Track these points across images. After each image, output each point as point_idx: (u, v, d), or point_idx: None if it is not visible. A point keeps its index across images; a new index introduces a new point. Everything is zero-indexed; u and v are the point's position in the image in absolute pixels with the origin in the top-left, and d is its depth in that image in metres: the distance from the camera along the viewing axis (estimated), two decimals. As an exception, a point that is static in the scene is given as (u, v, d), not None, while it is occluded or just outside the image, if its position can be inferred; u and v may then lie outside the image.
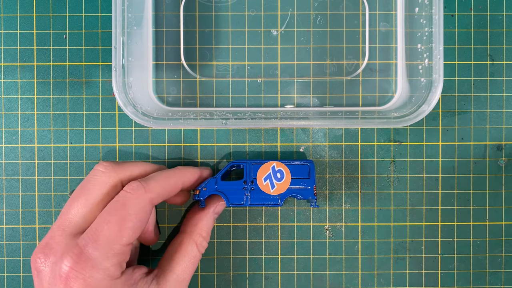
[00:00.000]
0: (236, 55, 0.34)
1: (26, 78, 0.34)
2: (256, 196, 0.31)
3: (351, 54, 0.34)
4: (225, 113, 0.33)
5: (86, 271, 0.24)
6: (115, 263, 0.25)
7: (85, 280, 0.24)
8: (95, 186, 0.27)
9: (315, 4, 0.34)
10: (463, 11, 0.34)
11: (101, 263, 0.25)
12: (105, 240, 0.25)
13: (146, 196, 0.27)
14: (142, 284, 0.27)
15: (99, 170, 0.28)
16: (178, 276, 0.28)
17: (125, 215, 0.26)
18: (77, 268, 0.24)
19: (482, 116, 0.34)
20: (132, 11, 0.31)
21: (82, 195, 0.27)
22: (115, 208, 0.26)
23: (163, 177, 0.29)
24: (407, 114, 0.31)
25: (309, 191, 0.31)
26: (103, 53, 0.34)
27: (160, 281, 0.28)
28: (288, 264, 0.34)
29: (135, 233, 0.26)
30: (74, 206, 0.27)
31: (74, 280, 0.24)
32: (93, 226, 0.26)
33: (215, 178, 0.31)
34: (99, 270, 0.25)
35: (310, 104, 0.34)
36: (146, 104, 0.32)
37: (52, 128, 0.34)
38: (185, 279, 0.29)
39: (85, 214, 0.27)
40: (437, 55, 0.30)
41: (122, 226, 0.26)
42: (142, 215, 0.26)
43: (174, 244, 0.30)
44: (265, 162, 0.31)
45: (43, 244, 0.26)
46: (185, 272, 0.29)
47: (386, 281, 0.34)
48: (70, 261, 0.25)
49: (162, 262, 0.29)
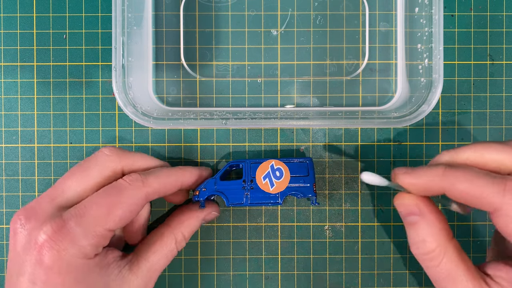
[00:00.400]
0: (236, 55, 0.34)
1: (26, 78, 0.34)
2: (255, 195, 0.31)
3: (351, 54, 0.34)
4: (225, 113, 0.33)
5: (63, 243, 0.24)
6: (93, 244, 0.25)
7: (59, 252, 0.24)
8: (96, 167, 0.27)
9: (315, 4, 0.34)
10: (463, 11, 0.34)
11: (79, 240, 0.25)
12: (91, 219, 0.25)
13: (143, 189, 0.27)
14: (115, 267, 0.27)
15: (104, 152, 0.28)
16: (151, 266, 0.28)
17: (117, 202, 0.26)
18: (54, 239, 0.24)
19: (482, 116, 0.34)
20: (132, 11, 0.31)
21: (81, 172, 0.27)
22: (108, 193, 0.26)
23: (163, 174, 0.28)
24: (407, 114, 0.31)
25: (309, 188, 0.31)
26: (103, 53, 0.34)
27: (133, 267, 0.28)
28: (288, 264, 0.34)
29: (121, 222, 0.26)
30: (70, 180, 0.27)
31: (48, 249, 0.24)
32: (83, 203, 0.26)
33: (214, 179, 0.31)
34: (75, 246, 0.25)
35: (310, 104, 0.34)
36: (146, 104, 0.32)
37: (52, 128, 0.34)
38: (157, 270, 0.29)
39: (79, 191, 0.27)
40: (437, 55, 0.30)
41: (111, 211, 0.26)
42: (134, 207, 0.27)
43: (154, 234, 0.30)
44: (263, 160, 0.31)
45: (28, 207, 0.26)
46: (158, 263, 0.29)
47: (386, 281, 0.34)
48: (49, 230, 0.24)
49: (139, 249, 0.29)
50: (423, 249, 0.25)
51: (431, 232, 0.25)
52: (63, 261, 0.24)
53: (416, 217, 0.25)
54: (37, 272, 0.24)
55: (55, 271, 0.24)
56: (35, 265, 0.24)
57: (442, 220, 0.25)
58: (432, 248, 0.25)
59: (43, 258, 0.24)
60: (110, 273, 0.26)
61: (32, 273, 0.24)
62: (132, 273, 0.27)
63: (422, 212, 0.25)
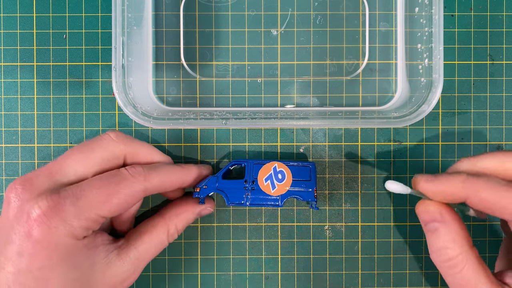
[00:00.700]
0: (236, 55, 0.34)
1: (26, 78, 0.34)
2: (256, 196, 0.31)
3: (351, 54, 0.34)
4: (225, 113, 0.33)
5: (54, 220, 0.24)
6: (83, 227, 0.25)
7: (49, 228, 0.24)
8: (100, 150, 0.27)
9: (315, 4, 0.34)
10: (463, 11, 0.34)
11: (70, 220, 0.25)
12: (86, 203, 0.25)
13: (143, 184, 0.27)
14: (103, 250, 0.27)
15: (110, 136, 0.28)
16: (140, 255, 0.28)
17: (116, 191, 0.26)
18: (47, 214, 0.24)
19: (482, 116, 0.34)
20: (132, 11, 0.31)
21: (84, 152, 0.27)
22: (109, 180, 0.26)
23: (165, 172, 0.29)
24: (407, 114, 0.31)
25: (310, 193, 0.31)
26: (103, 53, 0.34)
27: (121, 253, 0.28)
28: (288, 264, 0.34)
29: (116, 211, 0.26)
30: (72, 158, 0.27)
31: (39, 223, 0.24)
32: (82, 185, 0.26)
33: (216, 177, 0.31)
34: (66, 225, 0.25)
35: (310, 104, 0.34)
36: (146, 104, 0.32)
37: (52, 128, 0.34)
38: (145, 259, 0.29)
39: (79, 171, 0.27)
40: (437, 55, 0.30)
41: (108, 199, 0.26)
42: (131, 199, 0.27)
43: (147, 223, 0.30)
44: (266, 162, 0.31)
45: (26, 178, 0.26)
46: (147, 253, 0.29)
47: (386, 281, 0.34)
48: (44, 205, 0.25)
49: (130, 236, 0.29)
50: (444, 256, 0.25)
51: (454, 239, 0.25)
52: (52, 237, 0.24)
53: (438, 224, 0.25)
54: (25, 244, 0.24)
55: (43, 245, 0.24)
56: (24, 237, 0.24)
57: (463, 228, 0.25)
58: (454, 255, 0.25)
59: (32, 231, 0.24)
60: (96, 255, 0.26)
61: (20, 245, 0.24)
62: (120, 258, 0.27)
63: (444, 219, 0.25)
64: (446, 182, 0.25)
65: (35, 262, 0.24)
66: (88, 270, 0.26)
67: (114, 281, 0.27)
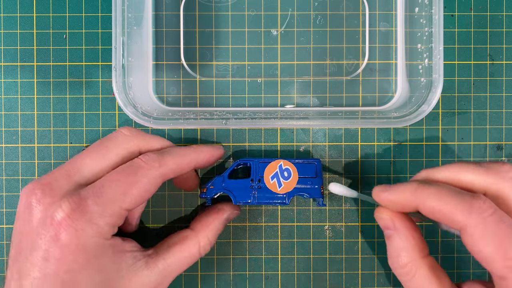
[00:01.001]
0: (236, 55, 0.34)
1: (26, 78, 0.34)
2: (263, 195, 0.31)
3: (351, 54, 0.34)
4: (225, 113, 0.33)
5: (80, 222, 0.24)
6: (109, 223, 0.25)
7: (76, 231, 0.24)
8: (115, 147, 0.27)
9: (315, 4, 0.34)
10: (463, 11, 0.34)
11: (96, 219, 0.25)
12: (108, 199, 0.25)
13: (159, 169, 0.27)
14: (131, 257, 0.27)
15: (122, 132, 0.28)
16: (168, 266, 0.28)
17: (134, 181, 0.26)
18: (72, 217, 0.24)
19: (482, 116, 0.34)
20: (132, 11, 0.31)
21: (99, 151, 0.27)
22: (126, 172, 0.26)
23: (179, 154, 0.28)
24: (407, 114, 0.31)
25: (316, 190, 0.31)
26: (103, 53, 0.34)
27: (150, 262, 0.27)
28: (288, 264, 0.34)
29: (137, 201, 0.26)
30: (88, 158, 0.27)
31: (65, 227, 0.24)
32: (100, 182, 0.26)
33: (222, 176, 0.31)
34: (93, 225, 0.25)
35: (310, 104, 0.34)
36: (146, 104, 0.32)
37: (52, 128, 0.34)
38: (173, 271, 0.28)
39: (96, 169, 0.27)
40: (437, 55, 0.30)
41: (128, 190, 0.26)
42: (150, 186, 0.26)
43: (177, 235, 0.30)
44: (272, 160, 0.31)
45: (45, 182, 0.26)
46: (175, 264, 0.28)
47: (386, 281, 0.34)
48: (68, 207, 0.24)
49: (159, 247, 0.29)
50: (396, 264, 0.26)
51: (405, 247, 0.26)
52: (79, 239, 0.24)
53: (391, 232, 0.26)
54: (52, 249, 0.24)
55: (71, 249, 0.24)
56: (50, 242, 0.24)
57: (416, 237, 0.26)
58: (404, 263, 0.25)
59: (59, 235, 0.24)
60: (123, 261, 0.26)
61: (46, 250, 0.24)
62: (148, 267, 0.27)
63: (397, 227, 0.26)
64: (398, 191, 0.26)
65: (62, 266, 0.24)
66: (114, 275, 0.26)
67: None
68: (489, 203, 0.23)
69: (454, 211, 0.23)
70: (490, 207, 0.23)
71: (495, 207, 0.23)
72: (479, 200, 0.23)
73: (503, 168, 0.25)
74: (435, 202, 0.24)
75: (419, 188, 0.25)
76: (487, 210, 0.22)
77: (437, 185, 0.25)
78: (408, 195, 0.25)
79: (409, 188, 0.25)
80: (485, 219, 0.22)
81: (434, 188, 0.24)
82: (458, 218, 0.23)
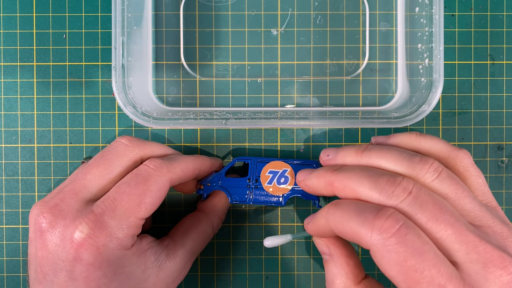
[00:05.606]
0: (236, 55, 0.34)
1: (26, 78, 0.34)
2: (259, 195, 0.31)
3: (351, 54, 0.34)
4: (225, 113, 0.33)
5: (101, 239, 0.24)
6: (128, 235, 0.25)
7: (98, 248, 0.24)
8: (116, 158, 0.27)
9: (315, 4, 0.34)
10: (464, 11, 0.34)
11: (116, 233, 0.25)
12: (123, 211, 0.25)
13: (168, 175, 0.27)
14: (151, 254, 0.27)
15: (122, 142, 0.28)
16: (188, 252, 0.29)
17: (146, 190, 0.26)
18: (92, 235, 0.24)
19: (482, 116, 0.34)
20: (132, 11, 0.31)
21: (101, 164, 0.27)
22: (136, 181, 0.26)
23: (184, 161, 0.29)
24: (407, 114, 0.31)
25: None
26: (103, 53, 0.34)
27: (170, 253, 0.28)
28: (288, 264, 0.34)
29: (152, 209, 0.26)
30: (91, 173, 0.27)
31: (87, 247, 0.24)
32: (111, 195, 0.26)
33: (219, 174, 0.31)
34: (113, 239, 0.25)
35: (310, 104, 0.34)
36: (146, 104, 0.32)
37: (52, 128, 0.34)
38: (194, 254, 0.30)
39: (101, 183, 0.27)
40: (438, 55, 0.30)
41: (141, 200, 0.26)
42: (161, 193, 0.27)
43: (190, 219, 0.30)
44: (270, 160, 0.31)
45: (52, 205, 0.25)
46: (195, 247, 0.29)
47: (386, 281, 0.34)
48: (85, 228, 0.24)
49: (175, 234, 0.29)
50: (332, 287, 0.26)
51: (339, 274, 0.26)
52: (103, 256, 0.24)
53: (327, 256, 0.26)
54: (78, 269, 0.24)
55: (96, 266, 0.24)
56: (73, 263, 0.24)
57: (351, 264, 0.26)
58: None
59: (82, 255, 0.24)
60: (146, 260, 0.27)
61: (71, 271, 0.24)
62: (169, 259, 0.28)
63: (331, 253, 0.26)
64: (313, 221, 0.26)
65: (91, 283, 0.24)
66: (142, 277, 0.26)
67: (167, 281, 0.27)
68: (392, 220, 0.21)
69: (358, 233, 0.21)
70: (391, 226, 0.20)
71: (400, 223, 0.21)
72: (381, 217, 0.21)
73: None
74: (341, 226, 0.23)
75: (329, 211, 0.24)
76: (388, 230, 0.20)
77: (344, 204, 0.23)
78: (323, 222, 0.24)
79: (321, 214, 0.24)
80: (386, 240, 0.21)
81: (340, 209, 0.23)
82: (363, 240, 0.21)
